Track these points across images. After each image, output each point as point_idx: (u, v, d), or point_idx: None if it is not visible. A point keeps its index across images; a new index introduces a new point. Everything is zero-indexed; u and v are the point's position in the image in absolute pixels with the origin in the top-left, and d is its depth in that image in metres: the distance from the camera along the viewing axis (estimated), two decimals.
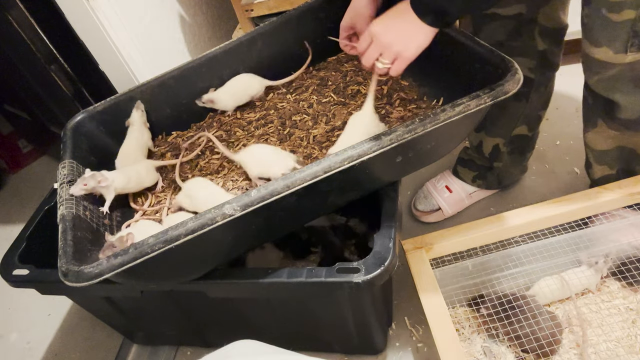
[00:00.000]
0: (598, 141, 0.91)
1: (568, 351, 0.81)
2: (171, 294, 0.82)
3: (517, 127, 1.01)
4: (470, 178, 1.13)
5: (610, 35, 0.73)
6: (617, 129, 0.85)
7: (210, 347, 1.04)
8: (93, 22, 1.07)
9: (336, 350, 0.96)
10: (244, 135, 0.93)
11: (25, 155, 1.89)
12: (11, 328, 1.27)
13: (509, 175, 1.12)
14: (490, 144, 1.06)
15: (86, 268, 0.61)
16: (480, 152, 1.09)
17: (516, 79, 0.66)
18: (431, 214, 1.14)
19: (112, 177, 0.80)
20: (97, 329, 1.17)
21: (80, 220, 0.75)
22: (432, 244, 0.88)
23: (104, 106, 0.94)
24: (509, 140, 1.04)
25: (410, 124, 0.64)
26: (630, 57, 0.73)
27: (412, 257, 0.86)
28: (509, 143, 1.04)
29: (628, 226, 0.89)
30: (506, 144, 1.04)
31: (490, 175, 1.11)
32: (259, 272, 0.72)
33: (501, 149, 1.05)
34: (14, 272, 0.85)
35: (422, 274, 0.83)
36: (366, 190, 0.76)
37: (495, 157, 1.07)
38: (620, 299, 0.85)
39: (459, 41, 0.78)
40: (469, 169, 1.13)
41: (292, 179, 0.62)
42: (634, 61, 0.74)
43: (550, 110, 1.28)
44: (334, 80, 0.98)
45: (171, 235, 0.60)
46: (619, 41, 0.73)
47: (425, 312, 0.79)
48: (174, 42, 1.44)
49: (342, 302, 0.77)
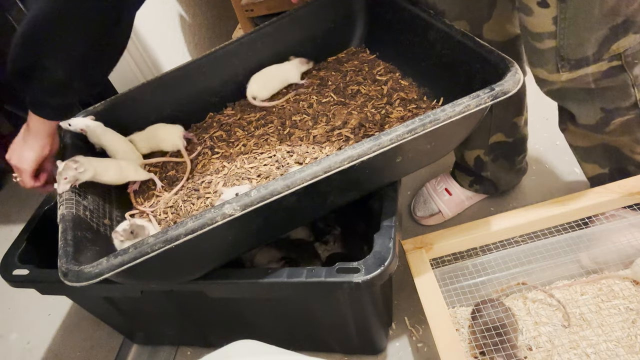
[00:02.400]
0: (576, 139, 0.92)
1: (568, 351, 0.81)
2: (171, 294, 0.82)
3: (492, 135, 1.01)
4: (467, 183, 1.13)
5: (541, 60, 0.76)
6: (585, 131, 0.86)
7: (210, 347, 1.04)
8: None
9: (336, 350, 0.96)
10: (244, 135, 0.93)
11: None
12: (11, 328, 1.27)
13: (504, 181, 1.11)
14: (471, 156, 1.06)
15: (86, 268, 0.61)
16: (466, 164, 1.09)
17: (516, 79, 0.66)
18: (430, 217, 1.14)
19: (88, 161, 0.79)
20: (97, 329, 1.17)
21: (80, 220, 0.75)
22: (432, 244, 0.88)
23: (104, 106, 0.94)
24: (488, 150, 1.04)
25: (410, 124, 0.64)
26: (565, 76, 0.76)
27: (412, 257, 0.86)
28: (489, 152, 1.04)
29: (628, 226, 0.89)
30: (487, 153, 1.04)
31: (486, 181, 1.11)
32: (259, 272, 0.72)
33: (483, 159, 1.05)
34: (14, 272, 0.85)
35: (422, 274, 0.83)
36: (366, 190, 0.76)
37: (480, 168, 1.07)
38: (620, 299, 0.85)
39: (459, 41, 0.78)
40: (465, 174, 1.13)
41: (292, 179, 0.62)
42: (570, 78, 0.76)
43: (549, 111, 1.28)
44: (334, 80, 0.98)
45: (171, 235, 0.60)
46: (549, 64, 0.76)
47: (425, 312, 0.79)
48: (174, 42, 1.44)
49: (342, 302, 0.77)
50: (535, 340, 0.83)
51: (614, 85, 0.76)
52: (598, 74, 0.75)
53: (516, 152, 1.07)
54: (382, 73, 0.95)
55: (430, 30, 0.84)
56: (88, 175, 0.79)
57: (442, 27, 0.81)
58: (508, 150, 1.05)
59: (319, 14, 1.00)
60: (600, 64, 0.73)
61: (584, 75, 0.75)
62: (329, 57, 1.05)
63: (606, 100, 0.78)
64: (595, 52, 0.72)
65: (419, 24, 0.87)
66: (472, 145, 1.04)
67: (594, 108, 0.80)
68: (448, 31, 0.80)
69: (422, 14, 0.86)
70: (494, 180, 1.10)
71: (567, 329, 0.84)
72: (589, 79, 0.76)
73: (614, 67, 0.74)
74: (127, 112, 0.94)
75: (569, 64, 0.74)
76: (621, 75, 0.74)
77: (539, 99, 0.89)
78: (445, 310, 0.78)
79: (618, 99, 0.78)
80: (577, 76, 0.76)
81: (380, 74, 0.95)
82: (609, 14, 0.68)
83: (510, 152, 1.06)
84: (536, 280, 0.90)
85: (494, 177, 1.09)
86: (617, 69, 0.74)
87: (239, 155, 0.88)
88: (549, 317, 0.86)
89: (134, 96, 0.96)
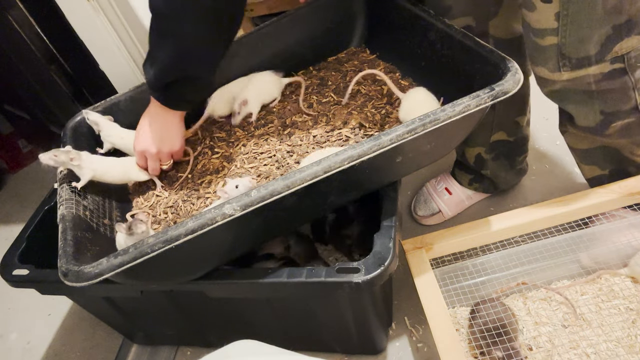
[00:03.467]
0: (575, 142, 0.91)
1: (568, 351, 0.81)
2: (171, 294, 0.82)
3: (493, 134, 1.01)
4: (467, 181, 1.13)
5: (542, 57, 0.76)
6: (584, 133, 0.86)
7: (210, 347, 1.03)
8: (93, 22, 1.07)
9: (336, 350, 0.96)
10: (244, 135, 0.93)
11: (25, 155, 1.89)
12: (11, 328, 1.27)
13: (503, 180, 1.11)
14: (472, 153, 1.06)
15: (86, 268, 0.61)
16: (467, 161, 1.09)
17: (516, 79, 0.66)
18: (431, 217, 1.14)
19: (89, 159, 0.80)
20: (97, 329, 1.17)
21: (80, 220, 0.75)
22: (432, 244, 0.88)
23: (103, 106, 0.94)
24: (489, 148, 1.04)
25: (410, 124, 0.64)
26: (566, 75, 0.76)
27: (412, 257, 0.86)
28: (489, 150, 1.04)
29: (628, 226, 0.89)
30: (487, 152, 1.04)
31: (486, 180, 1.11)
32: (259, 272, 0.72)
33: (484, 157, 1.05)
34: (14, 272, 0.85)
35: (422, 274, 0.83)
36: (366, 190, 0.76)
37: (480, 165, 1.07)
38: (620, 299, 0.85)
39: (459, 41, 0.78)
40: (465, 172, 1.13)
41: (292, 179, 0.62)
42: (571, 78, 0.76)
43: (549, 111, 1.28)
44: (334, 80, 0.98)
45: (171, 235, 0.60)
46: (550, 62, 0.75)
47: (425, 312, 0.79)
48: None
49: (342, 302, 0.77)
50: (535, 340, 0.83)
51: (614, 88, 0.76)
52: (599, 75, 0.75)
53: (517, 152, 1.07)
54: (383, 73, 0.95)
55: (430, 30, 0.84)
56: (82, 173, 0.80)
57: (442, 27, 0.81)
58: (509, 149, 1.05)
59: (319, 14, 1.00)
60: (602, 64, 0.73)
61: (585, 76, 0.75)
62: (329, 57, 1.05)
63: (606, 103, 0.78)
64: (597, 52, 0.72)
65: (419, 24, 0.87)
66: (473, 143, 1.04)
67: (593, 111, 0.80)
68: (448, 31, 0.80)
69: (422, 14, 0.86)
70: (494, 179, 1.10)
71: (566, 329, 0.84)
72: (590, 79, 0.75)
73: (616, 70, 0.73)
74: (126, 112, 0.94)
75: (570, 62, 0.74)
76: (622, 77, 0.74)
77: (539, 99, 0.89)
78: (445, 310, 0.78)
79: (618, 102, 0.77)
80: (578, 76, 0.75)
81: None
82: (613, 12, 0.67)
83: (512, 152, 1.06)
84: (536, 281, 0.90)
85: (493, 176, 1.09)
86: (619, 72, 0.74)
87: (239, 155, 0.88)
88: (549, 317, 0.86)
89: (133, 96, 0.96)
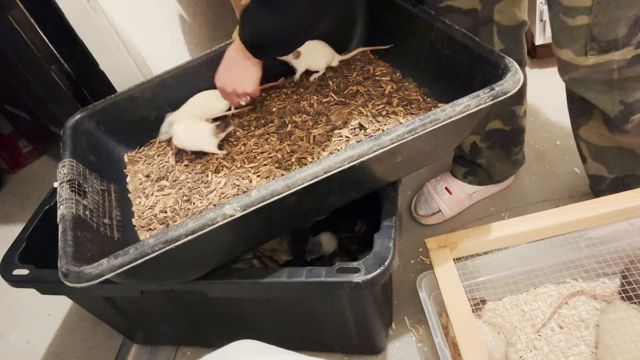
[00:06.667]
0: (591, 135, 0.91)
1: (569, 351, 0.81)
2: (171, 294, 0.82)
3: (489, 122, 1.02)
4: (462, 174, 1.13)
5: (570, 38, 0.75)
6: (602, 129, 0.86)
7: (210, 347, 1.04)
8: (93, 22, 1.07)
9: (336, 350, 0.96)
10: (244, 135, 0.93)
11: (25, 155, 1.89)
12: (11, 328, 1.27)
13: (498, 170, 1.11)
14: (467, 142, 1.07)
15: (86, 268, 0.61)
16: (462, 150, 1.10)
17: (516, 78, 0.66)
18: (431, 216, 1.14)
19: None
20: (97, 329, 1.17)
21: (80, 220, 0.75)
22: (456, 243, 0.86)
23: (103, 105, 0.94)
24: (485, 136, 1.04)
25: (410, 124, 0.64)
26: (592, 59, 0.75)
27: (436, 256, 0.85)
28: (485, 139, 1.05)
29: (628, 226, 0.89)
30: (483, 140, 1.05)
31: (480, 171, 1.11)
32: (259, 272, 0.72)
33: (479, 145, 1.06)
34: (14, 272, 0.85)
35: (445, 273, 0.82)
36: (366, 190, 0.76)
37: (475, 154, 1.08)
38: None
39: (459, 41, 0.78)
40: (460, 165, 1.14)
41: (292, 179, 0.62)
42: (596, 63, 0.76)
43: (550, 110, 1.28)
44: (334, 80, 0.98)
45: (171, 235, 0.60)
46: (578, 44, 0.75)
47: (448, 311, 0.77)
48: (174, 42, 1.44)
49: (342, 302, 0.77)
50: (535, 341, 0.83)
51: (636, 76, 0.76)
52: (623, 61, 0.74)
53: (513, 142, 1.07)
54: (383, 73, 0.95)
55: (430, 31, 0.84)
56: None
57: (443, 28, 0.81)
58: (505, 138, 1.05)
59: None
60: (627, 49, 0.73)
61: (609, 62, 0.74)
62: None
63: (626, 93, 0.78)
64: (625, 35, 0.71)
65: (419, 24, 0.87)
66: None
67: (612, 100, 0.80)
68: (448, 31, 0.80)
69: (422, 14, 0.86)
70: (488, 168, 1.10)
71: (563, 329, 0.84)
72: (614, 65, 0.75)
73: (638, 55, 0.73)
74: (126, 111, 0.94)
75: (598, 45, 0.73)
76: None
77: (539, 99, 0.89)
78: (468, 309, 0.76)
79: (637, 91, 0.77)
80: (604, 61, 0.75)
81: (380, 74, 0.95)
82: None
83: (507, 141, 1.06)
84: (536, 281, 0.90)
85: (488, 166, 1.09)
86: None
87: (239, 155, 0.88)
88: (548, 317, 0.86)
89: (133, 95, 0.96)
